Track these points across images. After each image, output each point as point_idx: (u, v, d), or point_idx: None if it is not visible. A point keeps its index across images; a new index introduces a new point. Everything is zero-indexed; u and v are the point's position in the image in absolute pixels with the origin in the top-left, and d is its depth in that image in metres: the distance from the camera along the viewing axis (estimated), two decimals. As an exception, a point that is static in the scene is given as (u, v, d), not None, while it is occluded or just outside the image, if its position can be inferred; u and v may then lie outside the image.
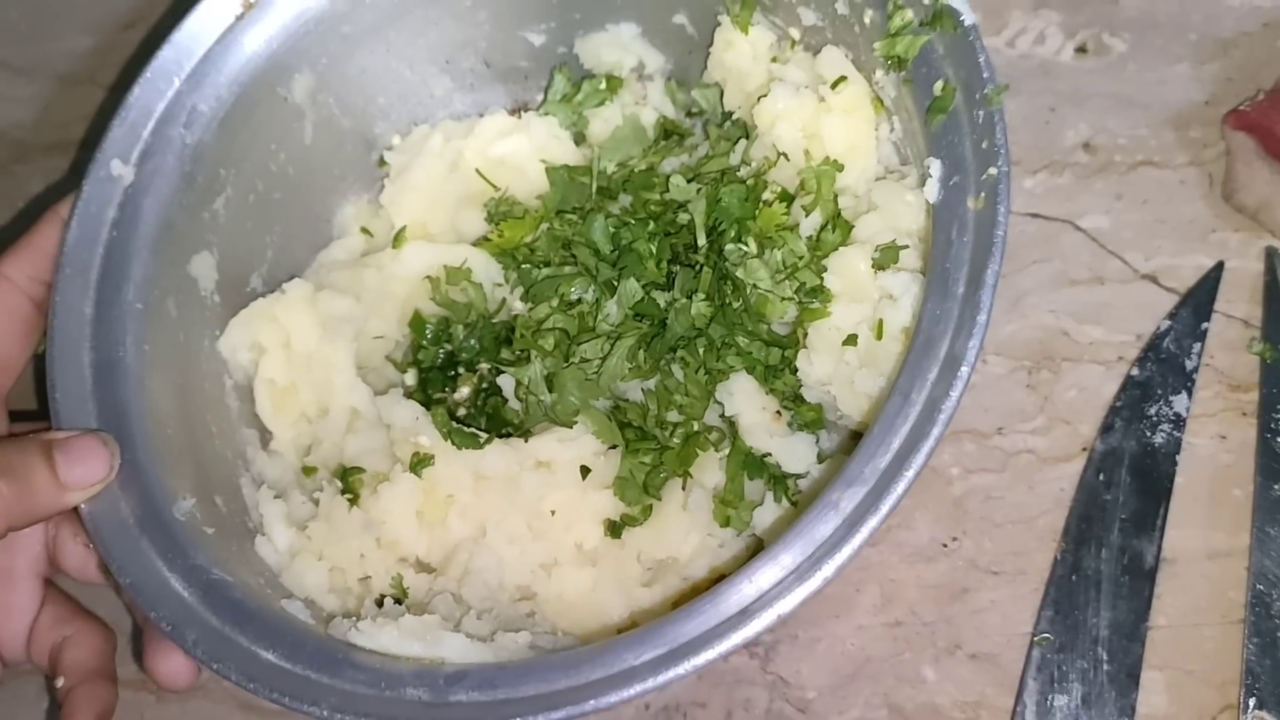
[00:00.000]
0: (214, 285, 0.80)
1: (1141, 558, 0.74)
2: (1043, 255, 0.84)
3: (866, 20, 0.72)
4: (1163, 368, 0.79)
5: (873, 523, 0.58)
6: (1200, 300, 0.80)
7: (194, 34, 0.78)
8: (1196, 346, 0.79)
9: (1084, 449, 0.78)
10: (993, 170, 0.62)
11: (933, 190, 0.66)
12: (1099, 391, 0.79)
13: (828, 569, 0.58)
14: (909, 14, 0.69)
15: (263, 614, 0.65)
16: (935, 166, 0.66)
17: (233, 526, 0.73)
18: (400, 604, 0.73)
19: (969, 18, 0.66)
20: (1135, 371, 0.79)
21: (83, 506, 0.67)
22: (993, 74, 0.65)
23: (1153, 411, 0.78)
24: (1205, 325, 0.80)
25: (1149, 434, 0.77)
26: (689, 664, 0.57)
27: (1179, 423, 0.77)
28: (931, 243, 0.65)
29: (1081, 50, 0.89)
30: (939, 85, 0.67)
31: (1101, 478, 0.77)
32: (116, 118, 0.76)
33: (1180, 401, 0.78)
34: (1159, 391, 0.78)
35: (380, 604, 0.73)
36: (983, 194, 0.63)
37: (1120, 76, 0.88)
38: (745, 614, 0.58)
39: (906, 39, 0.69)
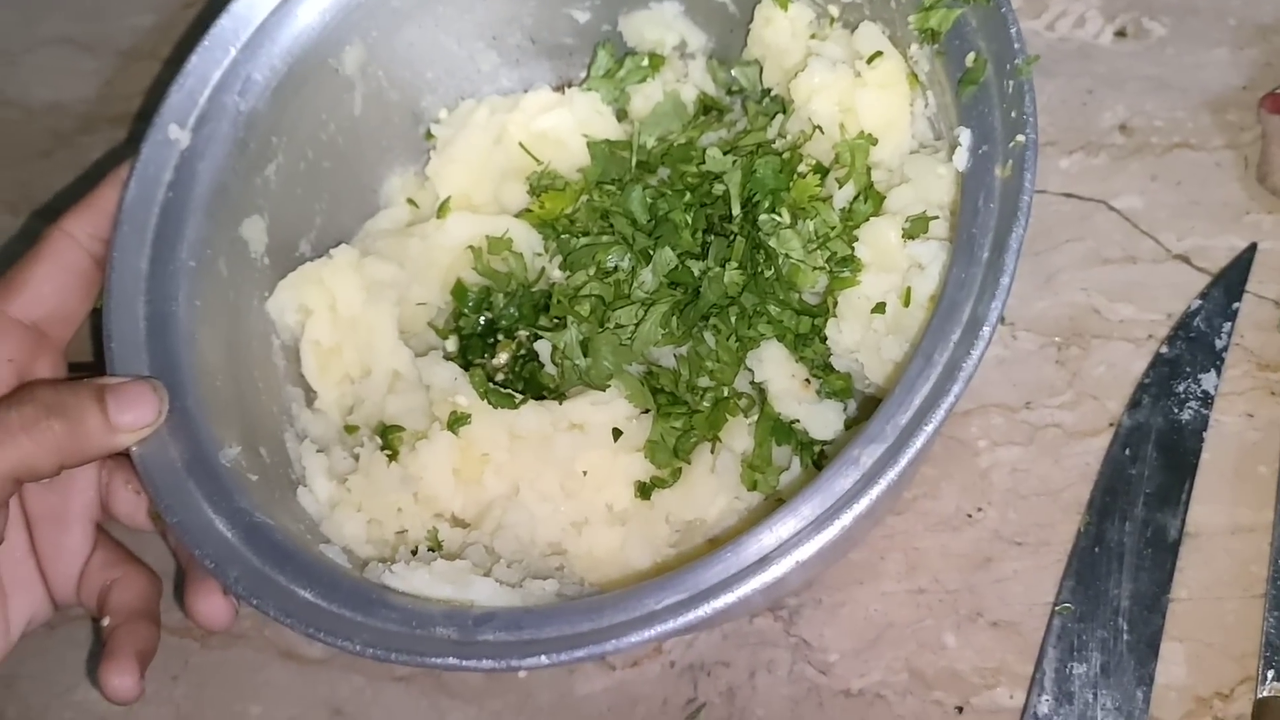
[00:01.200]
0: (264, 248, 0.82)
1: (1165, 531, 0.75)
2: (1076, 234, 0.85)
3: (902, -5, 0.73)
4: (1192, 346, 0.79)
5: (890, 475, 0.59)
6: (1232, 280, 0.81)
7: (251, 5, 0.80)
8: (1227, 326, 0.80)
9: (1111, 424, 0.79)
10: (1020, 138, 0.64)
11: (962, 159, 0.67)
12: (1128, 368, 0.80)
13: (845, 519, 0.59)
14: (943, -12, 0.70)
15: (301, 556, 0.67)
16: (965, 135, 0.67)
17: (276, 476, 0.76)
18: (432, 552, 0.75)
19: (1002, -10, 0.67)
20: (1165, 349, 0.80)
21: (133, 449, 0.70)
22: (1023, 46, 0.66)
23: (1181, 389, 0.78)
24: (1236, 305, 0.80)
25: (1176, 411, 0.78)
26: (709, 607, 0.59)
27: (1207, 400, 0.78)
28: (959, 210, 0.66)
29: (1121, 34, 0.90)
30: (971, 57, 0.68)
31: (1128, 452, 0.77)
32: (175, 84, 0.79)
33: (1209, 379, 0.78)
34: (1188, 369, 0.79)
35: (415, 553, 0.75)
36: (1010, 162, 0.64)
37: (1159, 60, 0.89)
38: (764, 561, 0.59)
39: (940, 12, 0.70)
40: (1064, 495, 0.78)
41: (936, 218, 0.72)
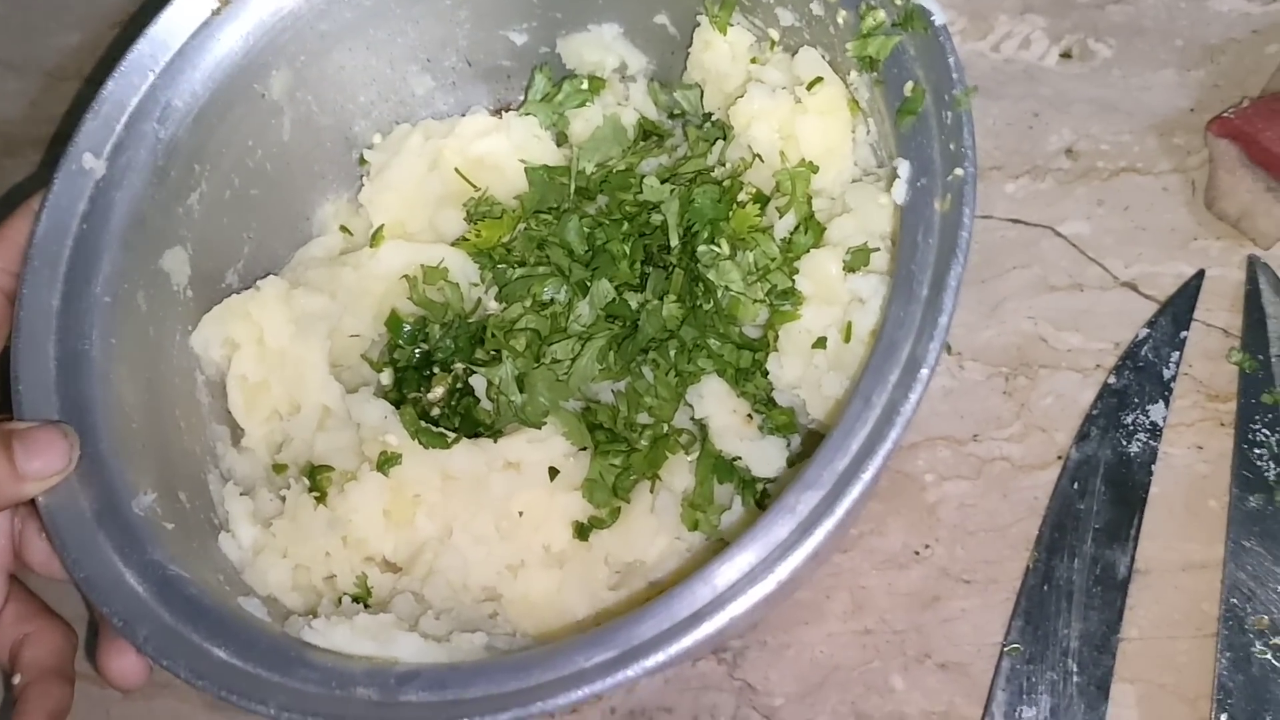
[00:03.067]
0: (187, 280, 0.79)
1: (1114, 568, 0.73)
2: (1022, 261, 0.83)
3: (840, 21, 0.71)
4: (1140, 376, 0.78)
5: (828, 525, 0.57)
6: (1180, 308, 0.79)
7: (169, 29, 0.77)
8: (1175, 355, 0.78)
9: (1059, 457, 0.77)
10: (959, 172, 0.62)
11: (900, 192, 0.65)
12: (1076, 399, 0.78)
13: (781, 571, 0.57)
14: (881, 15, 0.68)
15: (216, 611, 0.64)
16: (903, 168, 0.65)
17: (195, 523, 0.73)
18: (359, 603, 0.73)
19: (940, 18, 0.65)
20: (1113, 379, 0.78)
21: (40, 499, 0.67)
22: (962, 76, 0.64)
23: (1129, 420, 0.77)
24: (1184, 334, 0.78)
25: (1125, 443, 0.76)
26: (639, 666, 0.56)
27: (1155, 432, 0.76)
28: (899, 245, 0.64)
29: (1066, 55, 0.89)
30: (909, 86, 0.66)
31: (1076, 486, 0.76)
32: (89, 112, 0.76)
33: (1157, 410, 0.77)
34: (1136, 400, 0.77)
35: (339, 603, 0.72)
36: (949, 196, 0.62)
37: (1105, 82, 0.87)
38: (698, 617, 0.57)
39: (878, 40, 0.68)
40: (1012, 531, 0.76)
41: (878, 249, 0.70)
